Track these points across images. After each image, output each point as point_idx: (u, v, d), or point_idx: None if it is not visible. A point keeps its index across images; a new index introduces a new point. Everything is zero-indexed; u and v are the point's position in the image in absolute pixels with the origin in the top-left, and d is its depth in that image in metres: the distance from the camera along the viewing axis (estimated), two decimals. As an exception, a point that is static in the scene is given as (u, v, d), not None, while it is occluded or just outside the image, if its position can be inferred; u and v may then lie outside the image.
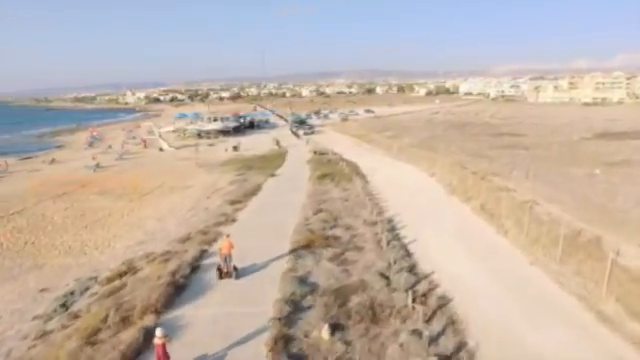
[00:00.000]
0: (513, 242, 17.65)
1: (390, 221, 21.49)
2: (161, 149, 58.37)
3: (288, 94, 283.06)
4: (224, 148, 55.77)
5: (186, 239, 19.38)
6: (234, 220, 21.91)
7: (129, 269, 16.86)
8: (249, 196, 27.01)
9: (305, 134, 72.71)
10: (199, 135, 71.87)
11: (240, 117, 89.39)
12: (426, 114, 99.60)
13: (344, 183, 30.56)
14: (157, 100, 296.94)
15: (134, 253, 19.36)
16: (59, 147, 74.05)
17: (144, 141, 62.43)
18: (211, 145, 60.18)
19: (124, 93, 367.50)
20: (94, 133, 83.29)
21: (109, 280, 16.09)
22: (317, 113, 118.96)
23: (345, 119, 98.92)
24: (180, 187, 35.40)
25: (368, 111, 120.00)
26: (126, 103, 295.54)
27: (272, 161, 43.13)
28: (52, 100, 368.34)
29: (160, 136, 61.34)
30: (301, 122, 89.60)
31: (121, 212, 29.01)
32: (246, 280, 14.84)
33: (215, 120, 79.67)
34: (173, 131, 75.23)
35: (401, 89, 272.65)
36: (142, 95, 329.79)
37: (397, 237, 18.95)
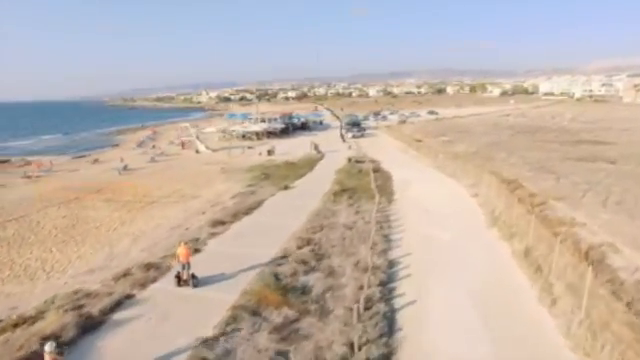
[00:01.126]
0: (562, 324, 11.38)
1: (393, 265, 16.00)
2: (197, 151, 56.84)
3: (355, 94, 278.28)
4: (260, 152, 52.56)
5: (123, 275, 15.52)
6: (198, 250, 17.73)
7: (36, 314, 13.35)
8: (240, 216, 22.78)
9: (354, 137, 67.61)
10: (244, 136, 69.95)
11: (291, 118, 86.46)
12: (495, 116, 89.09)
13: (362, 202, 25.33)
14: (227, 99, 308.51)
15: (69, 287, 15.95)
16: (115, 145, 76.52)
17: (182, 142, 61.64)
18: (250, 148, 57.45)
19: (200, 93, 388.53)
20: (149, 132, 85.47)
21: (1, 331, 12.68)
22: (376, 114, 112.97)
23: (403, 121, 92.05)
24: (189, 196, 32.36)
25: (431, 112, 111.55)
26: (199, 102, 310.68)
27: (298, 169, 38.75)
28: (136, 100, 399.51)
29: (197, 138, 60.15)
30: (354, 124, 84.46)
31: (111, 225, 26.43)
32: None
33: (263, 121, 77.45)
34: (222, 132, 74.08)
35: (473, 89, 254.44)
36: (214, 95, 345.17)
37: (389, 296, 13.50)
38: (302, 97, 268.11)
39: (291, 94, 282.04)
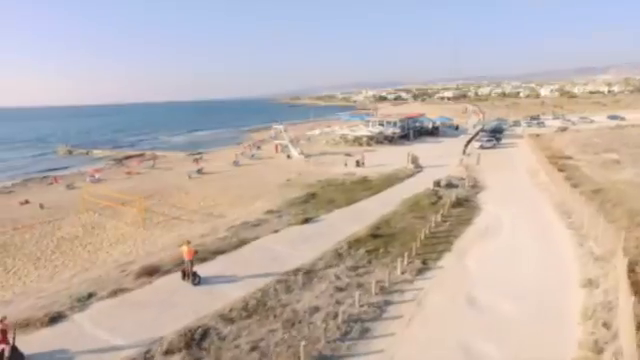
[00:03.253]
0: None
1: None
2: (288, 156, 52.40)
3: (523, 94, 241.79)
4: (350, 161, 45.16)
5: None
6: (56, 319, 12.32)
7: None
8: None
9: (481, 147, 54.17)
10: (355, 141, 63.27)
11: (416, 121, 75.80)
12: None
13: (380, 263, 16.61)
14: (384, 98, 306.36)
15: None
16: (237, 144, 78.68)
17: (276, 146, 58.16)
18: (348, 155, 50.35)
19: (360, 91, 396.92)
20: (274, 132, 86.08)
21: None
22: (533, 119, 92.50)
23: (564, 128, 71.78)
24: (214, 216, 27.79)
25: (613, 117, 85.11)
26: (354, 101, 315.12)
27: (361, 191, 30.29)
28: (301, 98, 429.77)
29: (291, 142, 55.69)
30: (494, 131, 69.36)
31: (102, 243, 23.49)
32: None
33: (381, 125, 69.33)
34: (335, 136, 68.85)
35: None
36: (370, 94, 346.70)
37: None
38: (459, 97, 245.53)
39: (447, 94, 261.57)
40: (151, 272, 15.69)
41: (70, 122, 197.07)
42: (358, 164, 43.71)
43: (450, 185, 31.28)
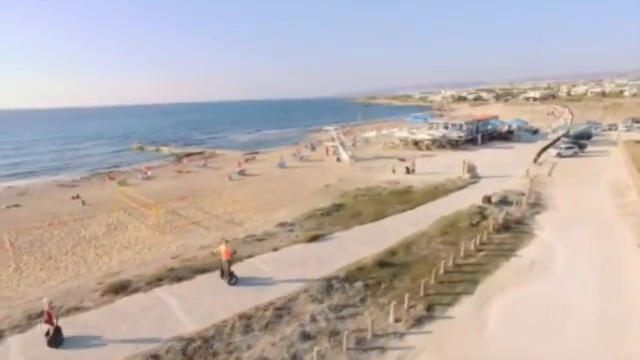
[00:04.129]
0: None
1: None
2: (338, 159, 49.68)
3: (629, 93, 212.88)
4: (400, 167, 41.40)
5: None
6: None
7: None
8: (156, 284, 14.91)
9: (559, 156, 47.19)
10: (416, 144, 58.92)
11: (487, 124, 68.87)
12: None
13: (375, 304, 13.63)
14: (463, 99, 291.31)
15: None
16: (294, 143, 78.00)
17: (327, 148, 55.57)
18: (402, 160, 46.51)
19: (438, 92, 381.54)
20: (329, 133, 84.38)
21: None
22: (637, 121, 79.84)
23: (673, 135, 60.17)
24: (235, 223, 26.42)
25: None
26: (431, 101, 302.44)
27: (395, 204, 26.72)
28: (377, 98, 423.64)
29: (342, 144, 52.62)
30: (580, 136, 60.28)
31: (113, 246, 23.23)
32: None
33: (445, 128, 63.88)
34: (393, 138, 64.89)
35: None
36: (449, 94, 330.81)
37: None
38: (548, 98, 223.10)
39: (533, 94, 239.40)
40: (117, 290, 14.32)
41: (154, 119, 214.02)
42: (408, 171, 39.80)
43: (504, 202, 26.54)
